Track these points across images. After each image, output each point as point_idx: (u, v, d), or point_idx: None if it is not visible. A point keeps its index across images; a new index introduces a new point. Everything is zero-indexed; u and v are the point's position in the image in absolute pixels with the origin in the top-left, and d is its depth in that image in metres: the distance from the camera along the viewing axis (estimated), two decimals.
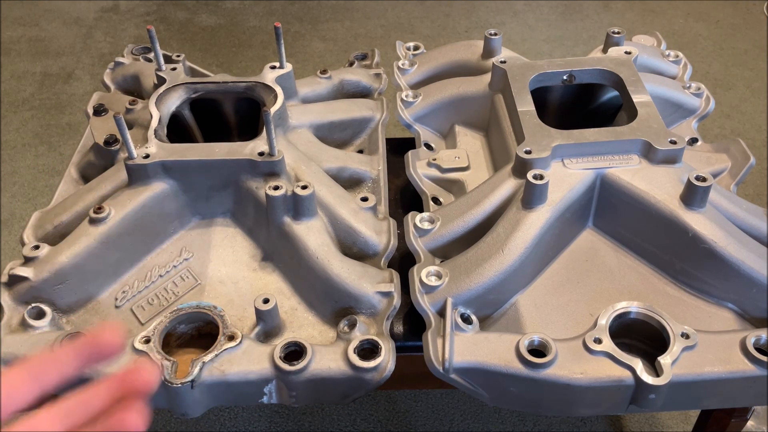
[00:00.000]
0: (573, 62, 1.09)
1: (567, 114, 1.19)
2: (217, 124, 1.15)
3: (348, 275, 0.87)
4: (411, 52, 1.30)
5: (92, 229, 0.90)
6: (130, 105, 1.10)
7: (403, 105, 1.16)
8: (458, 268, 0.87)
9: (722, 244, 0.84)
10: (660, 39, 1.30)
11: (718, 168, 1.05)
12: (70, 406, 0.46)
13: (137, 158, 0.92)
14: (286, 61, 1.10)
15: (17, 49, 2.81)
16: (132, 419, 0.45)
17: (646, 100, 1.00)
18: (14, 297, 0.87)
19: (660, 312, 0.81)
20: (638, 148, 0.93)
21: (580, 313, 0.87)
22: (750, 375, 0.77)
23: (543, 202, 0.88)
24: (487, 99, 1.12)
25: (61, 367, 0.47)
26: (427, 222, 0.95)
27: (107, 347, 0.48)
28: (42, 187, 2.14)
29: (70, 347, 0.47)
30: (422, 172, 1.07)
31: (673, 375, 0.75)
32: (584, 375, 0.76)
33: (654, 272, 0.91)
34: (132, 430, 0.45)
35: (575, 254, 0.94)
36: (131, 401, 0.46)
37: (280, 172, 0.93)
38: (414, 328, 0.91)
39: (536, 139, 0.93)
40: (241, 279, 0.94)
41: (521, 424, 1.48)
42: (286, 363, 0.78)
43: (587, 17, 2.93)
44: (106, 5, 3.09)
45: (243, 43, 2.83)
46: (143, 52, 1.32)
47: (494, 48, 1.17)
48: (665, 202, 0.87)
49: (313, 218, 0.91)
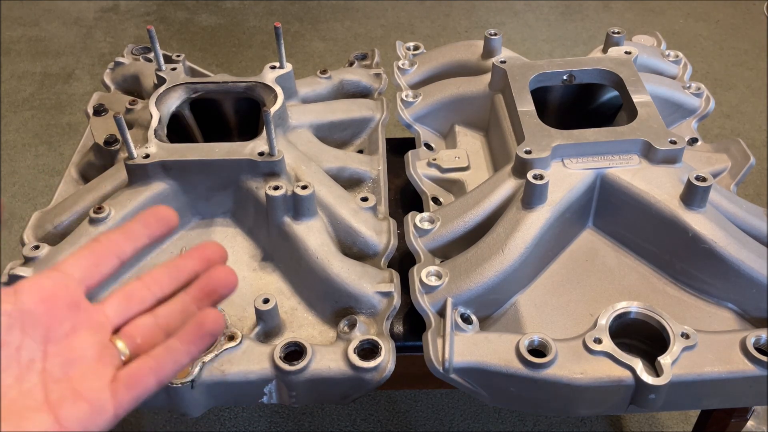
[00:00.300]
0: (573, 62, 1.09)
1: (567, 114, 1.19)
2: (217, 124, 1.15)
3: (348, 275, 0.87)
4: (411, 52, 1.30)
5: (92, 229, 0.90)
6: (130, 105, 1.10)
7: (403, 105, 1.16)
8: (458, 268, 0.87)
9: (722, 244, 0.84)
10: (660, 39, 1.30)
11: (718, 168, 1.05)
12: (158, 274, 0.51)
13: (137, 158, 0.92)
14: (286, 61, 1.10)
15: (17, 49, 2.81)
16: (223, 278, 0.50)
17: (646, 100, 1.00)
18: None
19: (660, 312, 0.81)
20: (638, 148, 0.93)
21: (580, 313, 0.87)
22: (750, 375, 0.77)
23: (543, 202, 0.88)
24: (487, 99, 1.12)
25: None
26: (427, 222, 0.95)
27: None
28: (42, 187, 2.14)
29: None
30: (422, 172, 1.07)
31: (673, 375, 0.75)
32: (584, 375, 0.76)
33: (654, 272, 0.91)
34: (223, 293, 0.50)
35: (575, 254, 0.94)
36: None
37: (280, 172, 0.93)
38: (414, 328, 0.91)
39: (536, 139, 0.93)
40: (241, 279, 0.94)
41: (521, 424, 1.48)
42: (286, 363, 0.78)
43: (587, 17, 2.93)
44: (106, 5, 3.09)
45: (243, 43, 2.83)
46: (143, 52, 1.32)
47: (494, 48, 1.17)
48: (665, 202, 0.87)
49: (313, 218, 0.91)
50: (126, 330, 0.49)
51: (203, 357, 0.78)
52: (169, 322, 0.49)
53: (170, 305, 0.50)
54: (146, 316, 0.49)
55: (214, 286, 0.50)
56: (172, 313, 0.49)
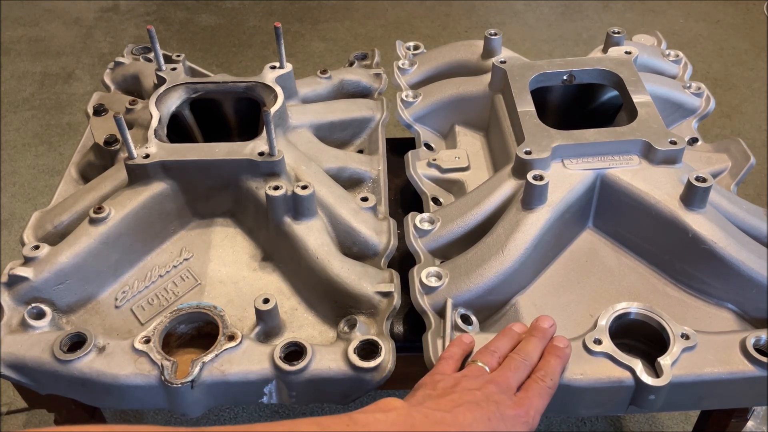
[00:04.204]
0: (573, 62, 1.09)
1: (567, 114, 1.19)
2: (217, 124, 1.15)
3: (348, 275, 0.87)
4: (411, 52, 1.30)
5: (92, 229, 0.90)
6: (130, 105, 1.10)
7: (403, 105, 1.16)
8: (458, 269, 0.87)
9: (722, 244, 0.84)
10: (660, 39, 1.30)
11: (718, 168, 1.05)
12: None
13: (137, 158, 0.92)
14: (286, 61, 1.10)
15: (17, 49, 2.81)
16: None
17: (646, 100, 1.00)
18: (14, 297, 0.86)
19: (660, 312, 0.80)
20: (638, 149, 0.93)
21: (580, 314, 0.87)
22: (750, 376, 0.77)
23: (543, 202, 0.88)
24: (487, 99, 1.12)
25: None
26: (427, 222, 0.95)
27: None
28: (42, 187, 2.14)
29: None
30: (422, 172, 1.07)
31: (672, 376, 0.75)
32: (584, 376, 0.76)
33: (654, 272, 0.91)
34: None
35: (575, 255, 0.94)
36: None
37: (280, 172, 0.93)
38: (414, 328, 0.91)
39: (536, 139, 0.93)
40: (241, 279, 0.94)
41: None
42: (286, 363, 0.78)
43: (587, 17, 2.93)
44: (106, 5, 3.09)
45: (243, 43, 2.83)
46: (143, 52, 1.32)
47: (494, 48, 1.17)
48: (665, 203, 0.87)
49: (313, 218, 0.91)
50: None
51: (203, 357, 0.78)
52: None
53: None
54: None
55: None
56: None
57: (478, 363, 0.72)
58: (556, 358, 0.73)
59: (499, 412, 0.64)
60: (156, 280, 0.93)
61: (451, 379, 0.69)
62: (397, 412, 0.61)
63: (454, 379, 0.69)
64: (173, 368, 0.77)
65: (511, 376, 0.70)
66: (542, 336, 0.75)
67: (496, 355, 0.73)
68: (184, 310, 0.84)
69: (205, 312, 0.83)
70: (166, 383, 0.76)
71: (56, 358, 0.79)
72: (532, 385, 0.70)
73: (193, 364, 0.78)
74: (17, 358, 0.80)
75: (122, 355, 0.79)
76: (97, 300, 0.91)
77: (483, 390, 0.66)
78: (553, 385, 0.71)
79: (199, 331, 0.86)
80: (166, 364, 0.77)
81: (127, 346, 0.80)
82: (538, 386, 0.70)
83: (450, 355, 0.74)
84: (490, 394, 0.66)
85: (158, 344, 0.80)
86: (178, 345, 0.85)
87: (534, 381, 0.71)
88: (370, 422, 0.59)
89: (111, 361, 0.79)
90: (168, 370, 0.77)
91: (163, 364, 0.77)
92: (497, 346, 0.74)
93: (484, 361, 0.72)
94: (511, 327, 0.78)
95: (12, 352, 0.81)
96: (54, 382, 0.81)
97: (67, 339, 0.80)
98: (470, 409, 0.63)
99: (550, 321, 0.77)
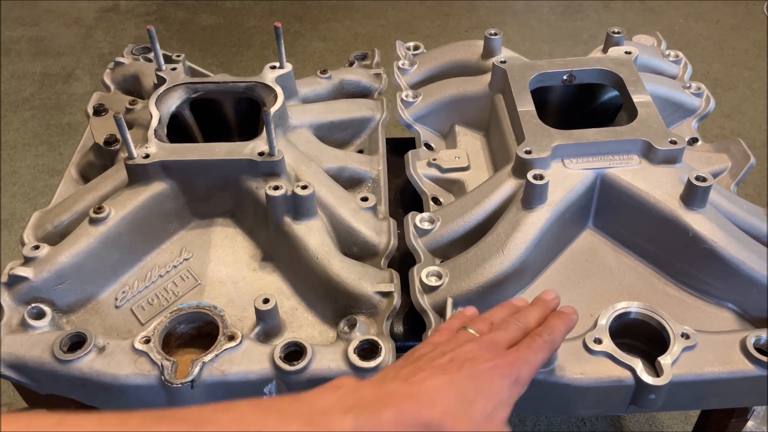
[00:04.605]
0: (573, 62, 1.09)
1: (567, 114, 1.19)
2: (217, 124, 1.15)
3: (348, 275, 0.87)
4: (411, 52, 1.30)
5: (92, 229, 0.90)
6: (130, 105, 1.10)
7: (403, 105, 1.16)
8: (458, 269, 0.87)
9: (722, 244, 0.84)
10: (660, 39, 1.30)
11: (718, 168, 1.05)
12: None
13: (137, 158, 0.92)
14: (286, 61, 1.10)
15: (17, 49, 2.81)
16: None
17: (646, 100, 1.00)
18: (14, 297, 0.86)
19: (660, 312, 0.80)
20: (638, 148, 0.93)
21: (580, 313, 0.86)
22: (750, 375, 0.77)
23: (543, 202, 0.88)
24: (487, 99, 1.12)
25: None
26: (427, 222, 0.95)
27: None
28: (42, 187, 2.14)
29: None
30: (422, 172, 1.07)
31: (673, 375, 0.75)
32: (584, 375, 0.76)
33: (654, 272, 0.91)
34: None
35: (575, 254, 0.94)
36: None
37: (280, 172, 0.93)
38: (414, 328, 0.91)
39: (536, 139, 0.93)
40: (241, 279, 0.94)
41: (521, 425, 1.48)
42: (286, 363, 0.78)
43: (587, 17, 2.93)
44: (106, 5, 3.09)
45: (243, 43, 2.83)
46: (143, 52, 1.32)
47: (494, 48, 1.17)
48: (665, 202, 0.87)
49: (313, 218, 0.91)
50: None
51: (203, 357, 0.78)
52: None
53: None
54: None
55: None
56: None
57: (469, 329, 0.66)
58: (558, 319, 0.68)
59: (470, 370, 0.58)
60: (156, 280, 0.93)
61: (428, 346, 0.63)
62: (344, 389, 0.57)
63: (431, 346, 0.63)
64: (173, 368, 0.77)
65: (500, 334, 0.64)
66: (543, 306, 0.70)
67: (488, 322, 0.68)
68: (184, 310, 0.84)
69: (205, 312, 0.83)
70: (166, 383, 0.76)
71: (56, 358, 0.79)
72: (525, 340, 0.64)
73: (193, 364, 0.78)
74: (17, 358, 0.80)
75: (122, 355, 0.79)
76: (97, 300, 0.91)
77: (457, 351, 0.61)
78: (550, 340, 0.65)
79: (199, 331, 0.86)
80: (166, 364, 0.77)
81: (127, 346, 0.80)
82: (531, 339, 0.64)
83: (446, 327, 0.69)
84: (465, 352, 0.60)
85: (158, 344, 0.80)
86: (178, 345, 0.85)
87: (529, 337, 0.65)
88: (314, 398, 0.55)
89: (111, 361, 0.79)
90: (168, 370, 0.77)
91: (163, 364, 0.77)
92: (491, 315, 0.69)
93: (476, 328, 0.66)
94: (511, 300, 0.73)
95: (12, 352, 0.81)
96: (54, 382, 0.81)
97: (67, 339, 0.80)
98: (430, 375, 0.57)
99: (553, 294, 0.71)
